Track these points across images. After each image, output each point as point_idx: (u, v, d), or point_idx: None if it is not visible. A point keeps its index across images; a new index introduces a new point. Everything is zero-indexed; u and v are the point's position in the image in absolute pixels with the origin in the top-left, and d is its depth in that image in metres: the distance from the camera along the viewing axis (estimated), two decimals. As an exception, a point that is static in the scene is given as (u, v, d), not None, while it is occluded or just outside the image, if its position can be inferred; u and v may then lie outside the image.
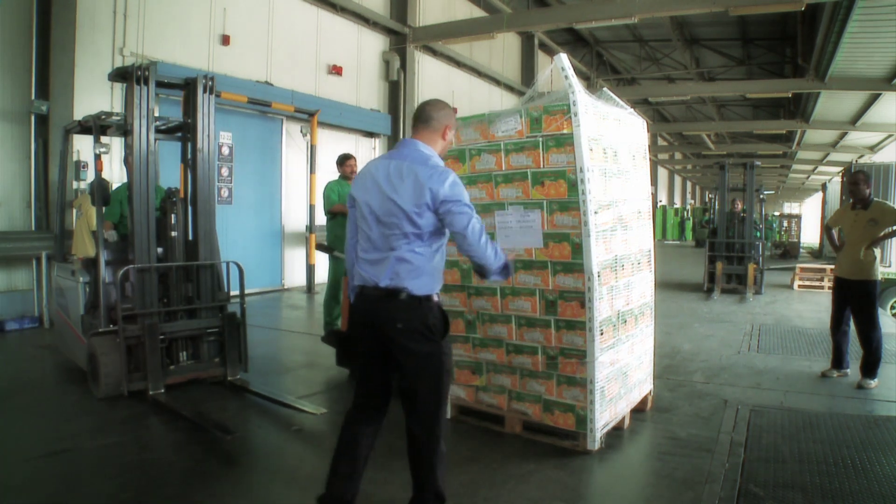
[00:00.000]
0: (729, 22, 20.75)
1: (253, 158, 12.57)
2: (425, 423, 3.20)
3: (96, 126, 6.00)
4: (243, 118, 12.10)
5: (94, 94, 9.36)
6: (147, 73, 5.77)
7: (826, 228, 7.18)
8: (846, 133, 26.06)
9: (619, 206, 4.84)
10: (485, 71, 20.58)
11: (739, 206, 14.38)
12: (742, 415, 5.37)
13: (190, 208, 6.26)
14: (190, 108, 6.21)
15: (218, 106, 11.25)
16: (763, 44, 23.48)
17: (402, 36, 16.14)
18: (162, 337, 5.75)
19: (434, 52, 17.90)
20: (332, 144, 13.83)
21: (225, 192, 11.91)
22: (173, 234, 6.09)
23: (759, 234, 14.04)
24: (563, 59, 4.48)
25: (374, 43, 15.79)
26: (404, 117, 16.09)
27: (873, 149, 28.16)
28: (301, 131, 13.35)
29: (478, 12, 19.32)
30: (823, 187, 24.82)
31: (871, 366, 6.41)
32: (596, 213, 4.46)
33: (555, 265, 4.60)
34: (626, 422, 5.07)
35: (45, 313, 8.81)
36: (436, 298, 3.24)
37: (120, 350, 5.50)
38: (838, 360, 6.79)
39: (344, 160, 7.84)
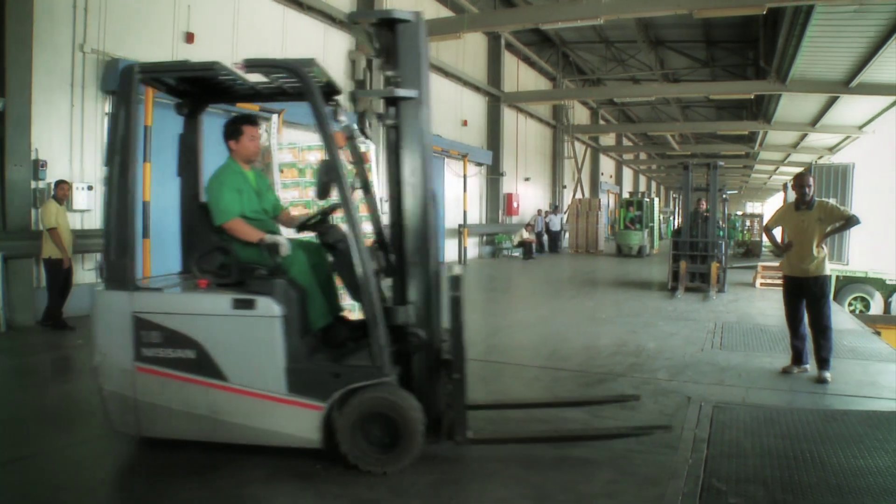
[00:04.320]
0: (693, 24, 21.04)
1: (222, 159, 12.36)
2: None
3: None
4: (213, 118, 11.88)
5: (53, 92, 9.19)
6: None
7: (766, 230, 7.40)
8: (806, 134, 26.56)
9: (319, 204, 6.36)
10: (451, 71, 20.59)
11: (703, 205, 14.55)
12: (705, 411, 5.43)
13: None
14: None
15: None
16: (726, 46, 23.85)
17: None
18: None
19: (401, 52, 17.89)
20: (298, 144, 13.75)
21: (193, 192, 11.74)
22: None
23: (721, 233, 14.24)
24: (274, 119, 7.20)
25: (341, 42, 15.72)
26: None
27: (832, 150, 28.75)
28: (266, 131, 13.23)
29: (445, 12, 19.32)
30: (785, 187, 25.29)
31: (827, 358, 6.62)
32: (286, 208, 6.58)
33: None
34: None
35: (2, 316, 8.55)
36: None
37: None
38: (798, 357, 6.92)
39: None
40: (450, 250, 20.87)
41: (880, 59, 14.58)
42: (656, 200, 29.45)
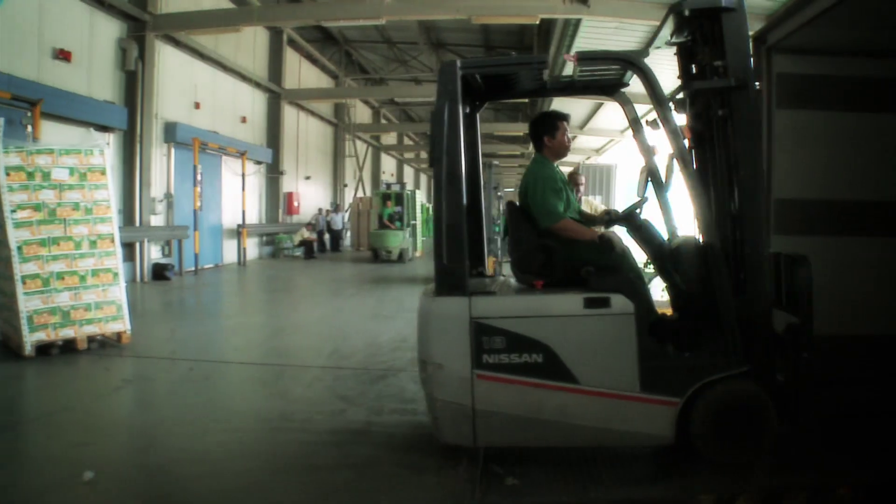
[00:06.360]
0: (473, 29, 21.92)
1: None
2: None
3: None
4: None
5: None
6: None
7: None
8: (576, 136, 28.56)
9: (50, 206, 7.38)
10: (230, 65, 19.79)
11: (482, 203, 15.13)
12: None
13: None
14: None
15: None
16: (504, 51, 25.04)
17: (141, 23, 15.04)
18: None
19: (176, 43, 16.90)
20: (59, 138, 12.47)
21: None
22: None
23: (497, 228, 14.88)
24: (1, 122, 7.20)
25: (110, 28, 14.56)
26: (142, 111, 15.02)
27: (598, 151, 31.08)
28: (21, 122, 11.91)
29: (225, 3, 18.61)
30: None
31: None
32: (14, 211, 7.09)
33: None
34: (82, 345, 7.46)
35: None
36: None
37: None
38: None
39: None
40: (228, 251, 20.18)
41: (636, 70, 16.05)
42: (419, 193, 27.23)
